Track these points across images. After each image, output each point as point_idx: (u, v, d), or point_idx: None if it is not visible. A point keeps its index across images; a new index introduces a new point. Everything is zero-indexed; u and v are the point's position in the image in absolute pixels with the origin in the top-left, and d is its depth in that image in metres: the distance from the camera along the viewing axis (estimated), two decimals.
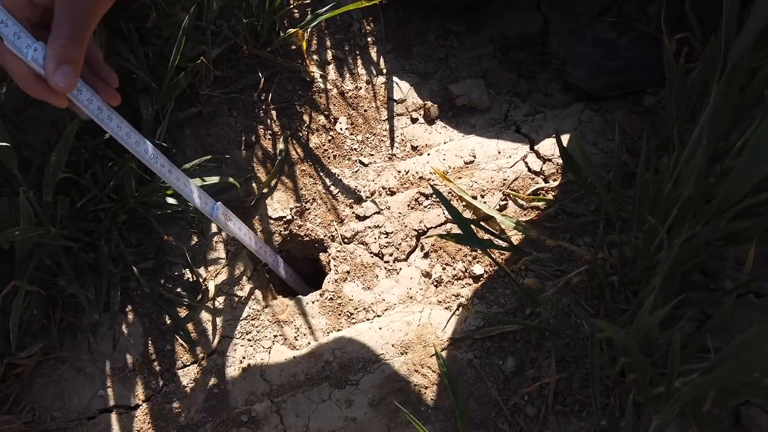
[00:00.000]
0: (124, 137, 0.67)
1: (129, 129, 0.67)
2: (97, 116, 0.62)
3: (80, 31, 0.55)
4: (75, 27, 0.55)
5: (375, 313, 0.96)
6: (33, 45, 0.55)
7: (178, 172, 0.74)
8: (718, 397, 0.61)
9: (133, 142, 0.68)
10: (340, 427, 0.86)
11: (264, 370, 0.91)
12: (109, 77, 0.64)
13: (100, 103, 0.62)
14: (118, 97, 0.64)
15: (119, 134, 0.66)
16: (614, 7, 1.12)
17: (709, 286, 0.88)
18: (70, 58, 0.55)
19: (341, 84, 1.18)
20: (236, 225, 0.86)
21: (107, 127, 0.64)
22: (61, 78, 0.55)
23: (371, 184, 1.09)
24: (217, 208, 0.81)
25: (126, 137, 0.67)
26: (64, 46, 0.55)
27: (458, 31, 1.25)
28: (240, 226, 0.88)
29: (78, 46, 0.56)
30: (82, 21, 0.56)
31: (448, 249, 1.00)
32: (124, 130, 0.67)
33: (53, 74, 0.55)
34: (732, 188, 0.65)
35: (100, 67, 0.64)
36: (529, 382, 0.86)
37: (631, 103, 1.11)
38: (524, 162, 1.07)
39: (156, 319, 0.95)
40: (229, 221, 0.84)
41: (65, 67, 0.55)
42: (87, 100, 0.61)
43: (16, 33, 0.54)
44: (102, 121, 0.63)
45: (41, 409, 0.89)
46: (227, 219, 0.84)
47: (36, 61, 0.55)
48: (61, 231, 0.89)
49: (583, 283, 0.89)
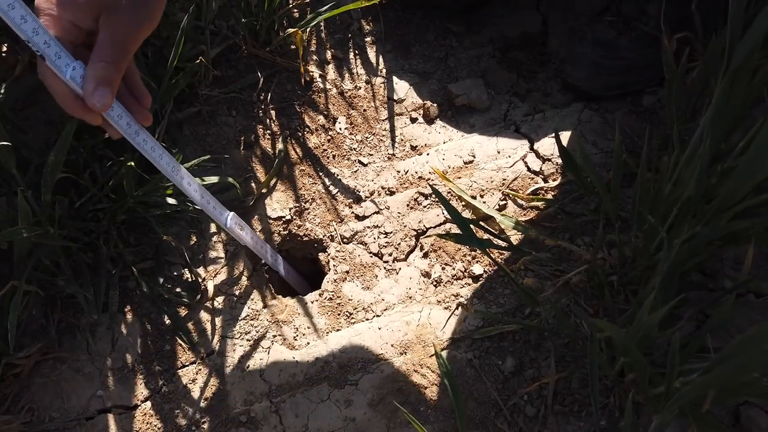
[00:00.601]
0: (149, 151, 0.70)
1: (153, 143, 0.70)
2: (125, 131, 0.65)
3: (120, 56, 0.58)
4: (116, 52, 0.58)
5: (374, 313, 0.96)
6: (71, 64, 0.57)
7: (196, 184, 0.78)
8: (718, 396, 0.61)
9: (157, 156, 0.71)
10: (340, 427, 0.86)
11: (263, 370, 0.91)
12: (142, 97, 0.67)
13: (129, 119, 0.65)
14: (149, 117, 0.67)
15: (144, 148, 0.69)
16: (613, 7, 1.12)
17: (708, 286, 0.88)
18: (109, 80, 0.58)
19: (340, 84, 1.18)
20: (248, 234, 0.89)
21: (134, 141, 0.67)
22: (98, 99, 0.58)
23: (370, 183, 1.09)
24: (230, 218, 0.84)
25: (151, 151, 0.70)
26: (104, 68, 0.58)
27: (458, 30, 1.25)
28: (252, 235, 0.90)
29: (117, 70, 0.59)
30: (123, 46, 0.59)
31: (447, 249, 1.00)
32: (149, 144, 0.70)
33: (91, 95, 0.58)
34: (733, 188, 0.65)
35: (135, 86, 0.67)
36: (529, 382, 0.86)
37: (631, 103, 1.11)
38: (524, 162, 1.07)
39: (155, 319, 0.95)
40: (242, 231, 0.87)
41: (103, 89, 0.58)
42: (117, 116, 0.64)
43: (57, 53, 0.56)
44: (129, 135, 0.66)
45: (40, 409, 0.89)
46: (240, 228, 0.87)
47: (74, 80, 0.58)
48: (59, 231, 0.89)
49: (583, 282, 0.89)
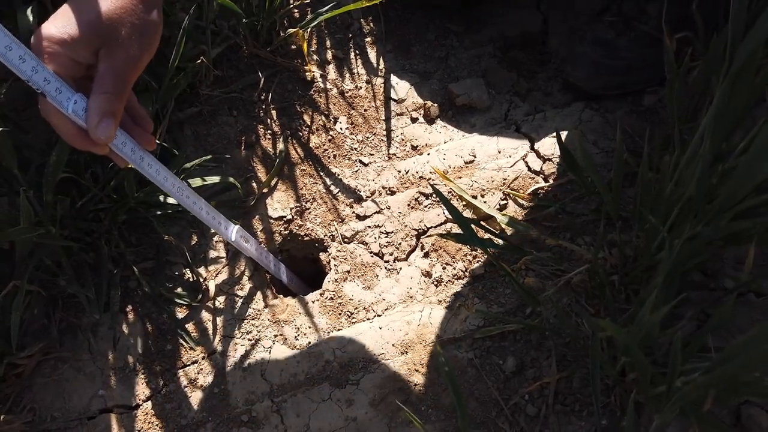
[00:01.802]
0: (154, 174, 0.71)
1: (159, 166, 0.72)
2: (130, 157, 0.66)
3: (121, 87, 0.59)
4: (117, 83, 0.59)
5: (375, 313, 0.96)
6: (72, 98, 0.58)
7: (202, 202, 0.80)
8: (719, 396, 0.61)
9: (162, 178, 0.72)
10: (341, 426, 0.86)
11: (264, 370, 0.91)
12: (144, 122, 0.68)
13: (133, 145, 0.66)
14: (152, 140, 0.68)
15: (149, 172, 0.70)
16: (613, 7, 1.13)
17: (709, 286, 0.88)
18: (112, 111, 0.59)
19: (341, 84, 1.18)
20: (253, 246, 0.90)
21: (139, 166, 0.68)
22: (102, 131, 0.59)
23: (371, 183, 1.09)
24: (236, 231, 0.86)
25: (156, 174, 0.71)
26: (106, 100, 0.58)
27: (458, 30, 1.25)
28: (257, 246, 0.92)
29: (119, 101, 0.59)
30: (124, 77, 0.59)
31: (448, 248, 1.00)
32: (154, 168, 0.71)
33: (95, 128, 0.59)
34: (734, 188, 0.65)
35: (136, 112, 0.68)
36: (530, 381, 0.86)
37: (631, 103, 1.11)
38: (524, 161, 1.07)
39: (156, 319, 0.95)
40: (247, 243, 0.88)
41: (107, 120, 0.59)
42: (121, 143, 0.65)
43: (58, 88, 0.57)
44: (134, 162, 0.67)
45: (41, 409, 0.89)
46: (245, 241, 0.88)
47: (76, 113, 0.59)
48: (61, 231, 0.89)
49: (584, 282, 0.89)
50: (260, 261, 0.93)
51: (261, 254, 0.92)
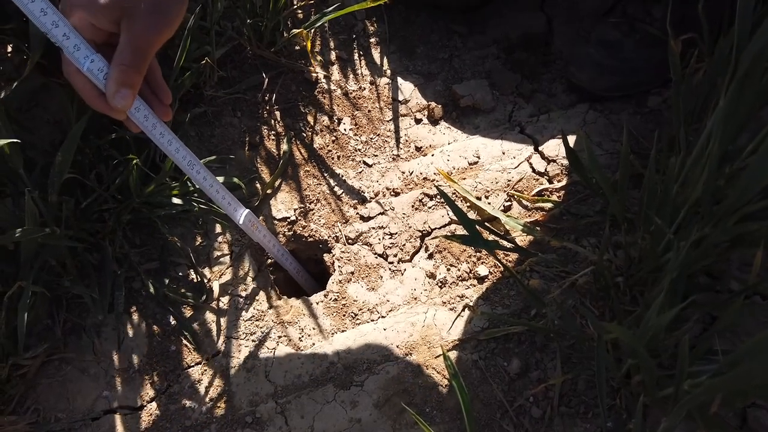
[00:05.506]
0: (166, 144, 0.72)
1: (171, 136, 0.72)
2: (142, 123, 0.67)
3: (140, 60, 0.61)
4: (136, 56, 0.61)
5: (379, 314, 0.96)
6: (90, 56, 0.59)
7: (212, 179, 0.80)
8: (726, 399, 0.61)
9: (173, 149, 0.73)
10: (345, 428, 0.86)
11: (268, 371, 0.91)
12: (163, 94, 0.70)
13: (147, 112, 0.67)
14: (169, 112, 0.70)
15: (161, 141, 0.71)
16: (618, 8, 1.12)
17: (715, 288, 0.87)
18: (130, 83, 0.61)
19: (345, 84, 1.18)
20: (262, 232, 0.90)
21: (150, 134, 0.69)
22: (119, 100, 0.62)
23: (375, 184, 1.09)
24: (245, 215, 0.86)
25: (167, 144, 0.72)
26: (125, 72, 0.60)
27: (462, 31, 1.25)
28: (266, 233, 0.92)
29: (137, 73, 0.61)
30: (143, 51, 0.61)
31: (452, 250, 1.00)
32: (166, 138, 0.72)
33: (113, 96, 0.61)
34: (741, 190, 0.65)
35: (157, 83, 0.70)
36: (535, 383, 0.86)
37: (636, 104, 1.11)
38: (528, 163, 1.07)
39: (160, 320, 0.95)
40: (255, 229, 0.89)
41: (124, 90, 0.61)
42: (135, 108, 0.66)
43: (76, 45, 0.58)
44: (146, 128, 0.68)
45: (45, 409, 0.89)
46: (254, 227, 0.88)
47: (91, 72, 0.60)
48: (65, 231, 0.89)
49: (589, 284, 0.89)
50: (267, 248, 0.93)
51: (269, 241, 0.92)
